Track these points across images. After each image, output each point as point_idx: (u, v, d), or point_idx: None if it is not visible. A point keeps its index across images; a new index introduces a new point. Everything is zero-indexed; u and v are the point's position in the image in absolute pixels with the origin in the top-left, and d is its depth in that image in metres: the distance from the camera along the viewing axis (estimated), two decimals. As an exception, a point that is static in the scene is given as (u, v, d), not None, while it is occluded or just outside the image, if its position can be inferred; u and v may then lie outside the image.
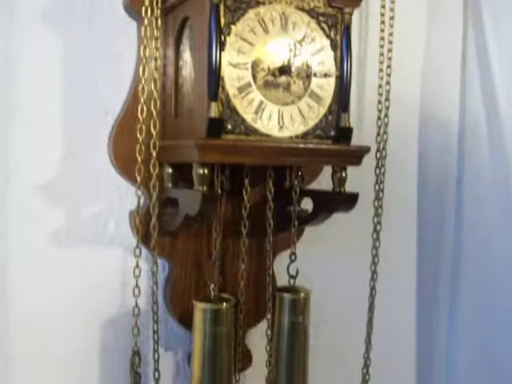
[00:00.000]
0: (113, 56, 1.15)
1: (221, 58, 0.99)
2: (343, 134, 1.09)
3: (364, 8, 1.37)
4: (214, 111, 0.98)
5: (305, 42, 1.06)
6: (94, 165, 1.15)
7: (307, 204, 1.22)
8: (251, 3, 1.02)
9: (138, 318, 1.10)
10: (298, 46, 1.05)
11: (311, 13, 1.06)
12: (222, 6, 0.99)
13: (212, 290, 1.16)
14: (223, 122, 1.00)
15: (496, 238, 1.46)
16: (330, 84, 1.08)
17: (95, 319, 1.17)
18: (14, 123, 1.10)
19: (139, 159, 1.07)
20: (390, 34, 1.26)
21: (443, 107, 1.50)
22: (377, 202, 1.26)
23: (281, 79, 1.05)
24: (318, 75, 1.07)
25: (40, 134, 1.12)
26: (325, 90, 1.08)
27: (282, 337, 1.21)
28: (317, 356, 1.30)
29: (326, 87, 1.08)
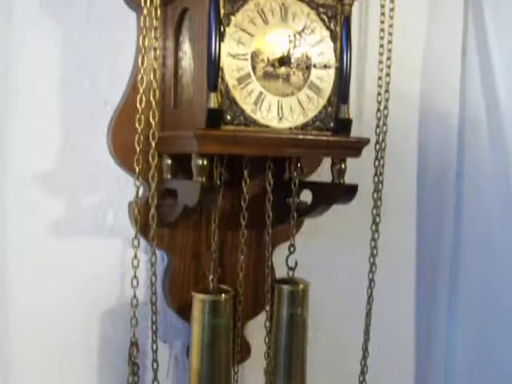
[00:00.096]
0: (112, 46, 1.14)
1: (220, 49, 0.98)
2: (343, 126, 1.09)
3: (364, -1, 1.37)
4: (213, 102, 0.98)
5: (304, 33, 1.06)
6: (93, 155, 1.15)
7: (306, 196, 1.22)
8: (251, -6, 1.01)
9: (136, 308, 1.10)
10: (297, 37, 1.05)
11: (311, 4, 1.06)
12: (221, -3, 0.98)
13: (211, 282, 1.15)
14: (222, 113, 1.00)
15: (496, 230, 1.46)
16: (330, 75, 1.08)
17: (94, 310, 1.17)
18: (13, 113, 1.10)
19: (138, 149, 1.07)
20: (390, 26, 1.26)
21: (443, 99, 1.49)
22: (376, 194, 1.27)
23: (280, 70, 1.04)
24: (318, 66, 1.07)
25: (39, 125, 1.11)
26: (324, 81, 1.08)
27: (280, 328, 1.22)
28: (315, 348, 1.30)
29: (325, 78, 1.08)
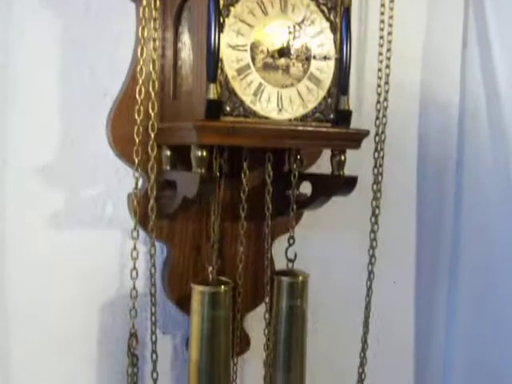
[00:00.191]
0: (111, 37, 1.13)
1: (219, 40, 0.98)
2: (342, 117, 1.09)
3: (364, -10, 1.36)
4: (212, 93, 0.98)
5: (304, 24, 1.05)
6: (93, 147, 1.14)
7: (306, 188, 1.22)
8: (251, -16, 1.01)
9: (135, 300, 1.10)
10: (297, 29, 1.04)
11: (311, -6, 1.06)
12: (221, -12, 0.98)
13: (210, 273, 1.15)
14: (222, 104, 0.99)
15: (495, 220, 1.46)
16: (330, 67, 1.08)
17: (93, 301, 1.17)
18: (12, 106, 1.09)
19: (137, 141, 1.07)
20: (390, 17, 1.26)
21: (443, 90, 1.49)
22: (375, 186, 1.26)
23: (280, 61, 1.04)
24: (318, 58, 1.06)
25: (38, 116, 1.11)
26: (324, 72, 1.07)
27: (280, 320, 1.21)
28: (315, 340, 1.30)
29: (325, 70, 1.07)
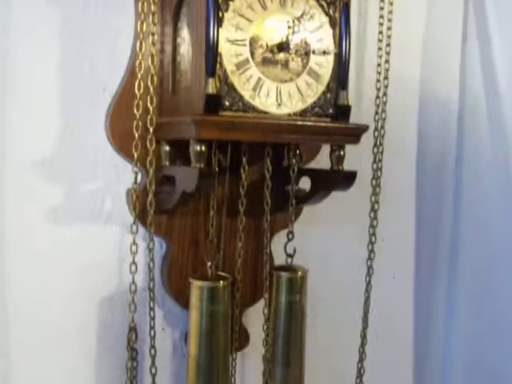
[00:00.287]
0: (110, 32, 1.13)
1: (218, 34, 0.98)
2: (341, 112, 1.09)
3: (363, -15, 1.36)
4: (211, 87, 0.97)
5: (303, 18, 1.05)
6: (92, 142, 1.14)
7: (305, 184, 1.22)
8: (249, -21, 1.01)
9: (134, 294, 1.10)
10: (296, 23, 1.04)
11: (310, -11, 1.05)
12: (219, -18, 0.98)
13: (209, 268, 1.15)
14: (220, 99, 0.99)
15: (495, 215, 1.46)
16: (329, 61, 1.07)
17: (92, 296, 1.17)
18: (12, 100, 1.09)
19: (136, 135, 1.07)
20: (389, 12, 1.25)
21: (443, 85, 1.49)
22: (375, 181, 1.26)
23: (279, 56, 1.04)
24: (317, 53, 1.06)
25: (37, 111, 1.11)
26: (323, 67, 1.07)
27: (279, 316, 1.21)
28: (314, 335, 1.29)
29: (324, 65, 1.07)
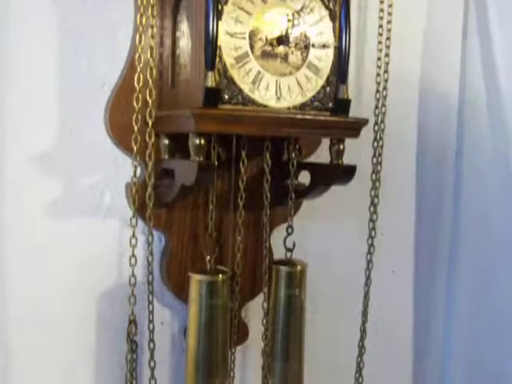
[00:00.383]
0: (109, 25, 1.13)
1: (218, 27, 0.97)
2: (341, 106, 1.08)
3: (363, -22, 1.35)
4: (210, 81, 0.97)
5: (303, 12, 1.05)
6: (91, 136, 1.14)
7: (305, 178, 1.22)
8: (249, -28, 1.00)
9: (134, 287, 1.10)
10: (296, 16, 1.04)
11: (310, -18, 1.05)
12: (219, -25, 0.97)
13: (208, 262, 1.15)
14: (220, 92, 0.99)
15: (495, 209, 1.45)
16: (329, 55, 1.07)
17: (91, 291, 1.17)
18: (10, 94, 1.09)
19: (136, 128, 1.06)
20: (389, 6, 1.25)
21: (443, 79, 1.48)
22: (374, 175, 1.26)
23: (279, 49, 1.03)
24: (317, 46, 1.06)
25: (36, 105, 1.10)
26: (323, 61, 1.07)
27: (278, 310, 1.21)
28: (313, 329, 1.29)
29: (324, 58, 1.07)
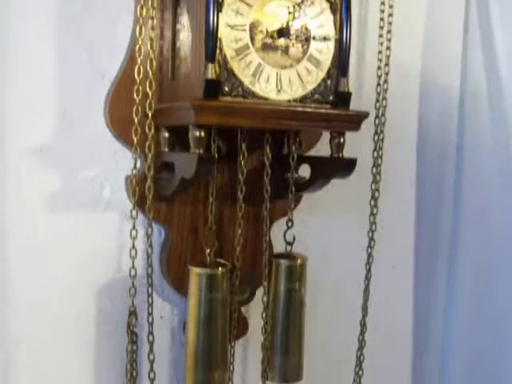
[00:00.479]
0: (110, 16, 1.12)
1: (218, 19, 0.97)
2: (342, 99, 1.08)
3: (365, -29, 1.35)
4: (210, 73, 0.97)
5: (304, 4, 1.04)
6: (90, 128, 1.13)
7: (305, 171, 1.21)
8: (250, -37, 1.00)
9: (134, 278, 1.10)
10: (297, 9, 1.03)
11: (311, -25, 1.05)
12: (219, -34, 0.97)
13: (208, 255, 1.15)
14: (220, 84, 0.98)
15: (495, 204, 1.45)
16: (329, 48, 1.07)
17: (91, 284, 1.16)
18: (10, 86, 1.08)
19: (136, 120, 1.06)
20: (390, -1, 1.25)
21: (444, 73, 1.48)
22: (375, 169, 1.26)
23: (279, 42, 1.03)
24: (317, 39, 1.06)
25: (36, 97, 1.10)
26: (324, 53, 1.07)
27: (278, 303, 1.21)
28: (313, 323, 1.29)
29: (324, 51, 1.07)
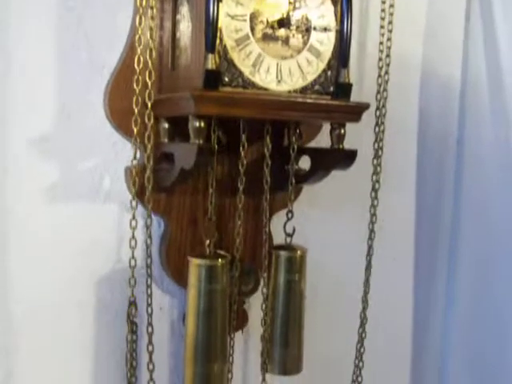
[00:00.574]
0: (109, 7, 1.12)
1: (218, 9, 0.96)
2: (342, 90, 1.08)
3: (366, -39, 1.34)
4: (210, 63, 0.97)
5: (305, -6, 1.04)
6: (90, 120, 1.13)
7: (305, 163, 1.21)
8: (250, -47, 0.99)
9: (134, 269, 1.10)
10: (297, -1, 1.04)
11: (312, -35, 1.04)
12: (219, -45, 0.96)
13: (207, 247, 1.14)
14: (220, 74, 0.98)
15: (495, 196, 1.45)
16: (330, 39, 1.06)
17: (90, 275, 1.16)
18: (9, 78, 1.08)
19: (136, 111, 1.06)
20: (392, -11, 1.25)
21: (445, 64, 1.48)
22: (376, 161, 1.26)
23: (280, 32, 1.03)
24: (318, 29, 1.05)
25: (35, 89, 1.09)
26: (324, 44, 1.06)
27: (277, 295, 1.21)
28: (313, 315, 1.29)
29: (325, 42, 1.06)
